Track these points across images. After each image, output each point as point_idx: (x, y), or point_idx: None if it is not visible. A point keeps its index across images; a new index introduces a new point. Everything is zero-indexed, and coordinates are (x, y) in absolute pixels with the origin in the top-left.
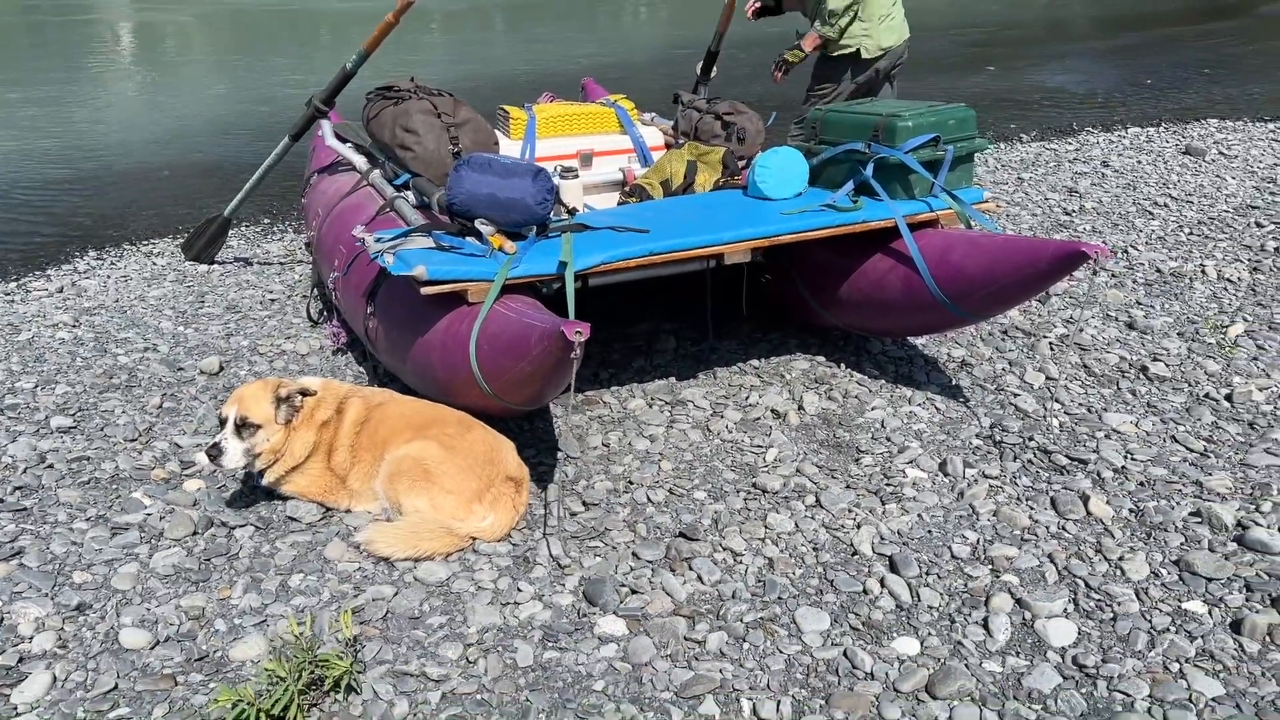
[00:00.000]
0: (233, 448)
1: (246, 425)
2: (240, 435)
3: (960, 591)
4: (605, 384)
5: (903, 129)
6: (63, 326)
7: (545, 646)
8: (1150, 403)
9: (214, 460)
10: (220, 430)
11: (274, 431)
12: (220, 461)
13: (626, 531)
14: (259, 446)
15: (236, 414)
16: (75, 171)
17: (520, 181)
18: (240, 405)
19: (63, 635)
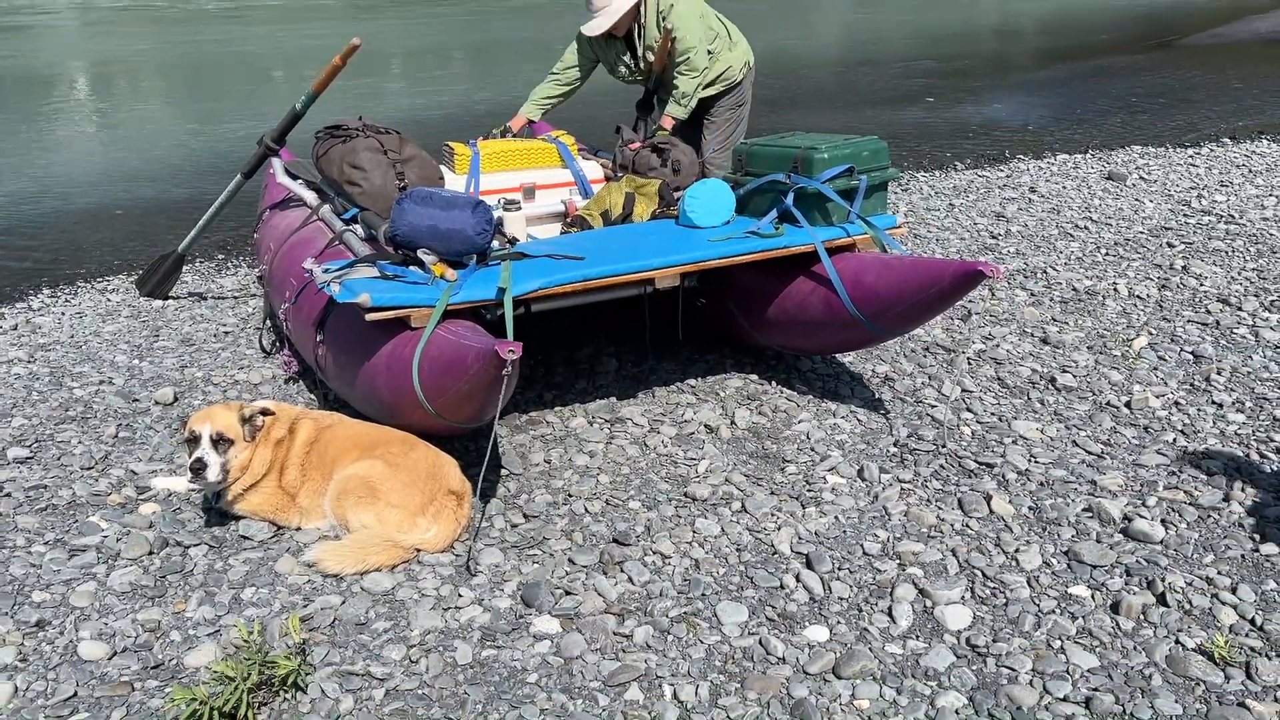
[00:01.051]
0: (214, 461)
1: (223, 440)
2: (217, 450)
3: (869, 584)
4: (549, 405)
5: (819, 161)
6: (18, 362)
7: (484, 646)
8: (1056, 411)
9: (198, 474)
10: (194, 448)
11: (242, 449)
12: (204, 475)
13: (564, 540)
14: (232, 462)
15: (212, 430)
16: (27, 210)
17: (460, 213)
18: (214, 422)
19: (23, 649)
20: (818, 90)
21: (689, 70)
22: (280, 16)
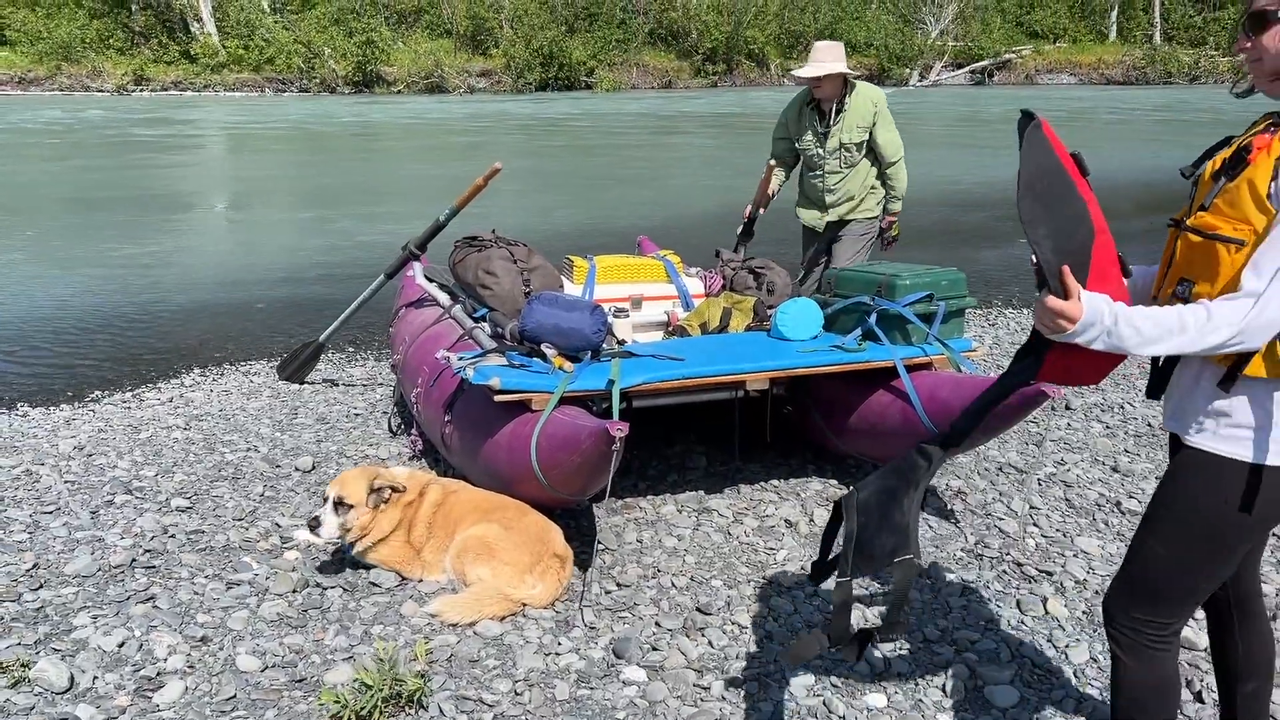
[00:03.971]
0: (329, 521)
1: (343, 504)
2: (336, 512)
3: (926, 663)
4: (642, 493)
5: (902, 286)
6: (176, 428)
7: (579, 686)
8: (1120, 531)
9: (313, 530)
10: (323, 506)
11: (363, 513)
12: (318, 532)
13: (652, 606)
14: (350, 524)
15: (336, 494)
16: (179, 301)
17: (580, 314)
18: (341, 488)
19: (190, 659)
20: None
21: (899, 176)
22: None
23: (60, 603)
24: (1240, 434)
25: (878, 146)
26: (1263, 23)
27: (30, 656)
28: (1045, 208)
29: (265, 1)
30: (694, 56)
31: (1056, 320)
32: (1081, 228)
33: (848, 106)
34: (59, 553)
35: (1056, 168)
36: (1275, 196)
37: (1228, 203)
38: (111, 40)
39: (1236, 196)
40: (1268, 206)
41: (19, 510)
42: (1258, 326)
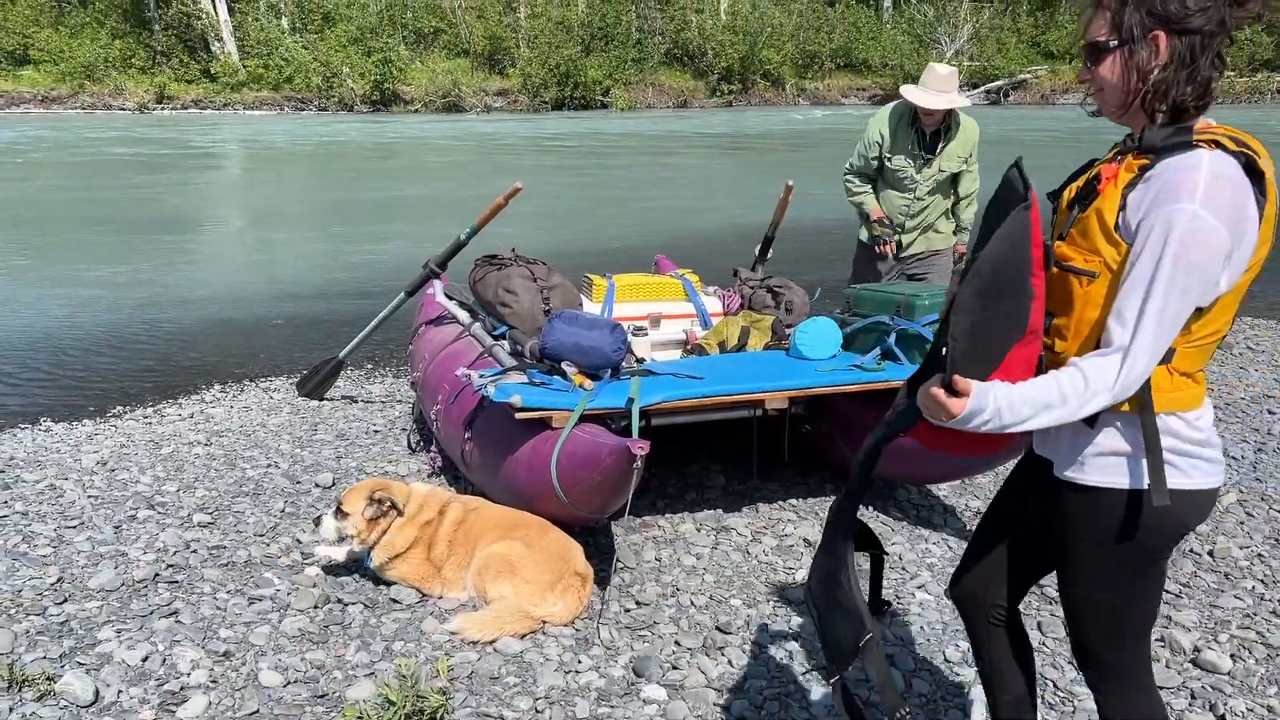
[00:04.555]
0: (326, 524)
1: (340, 511)
2: (336, 517)
3: (946, 684)
4: (660, 511)
5: (921, 306)
6: (197, 444)
7: (599, 704)
8: None
9: (316, 526)
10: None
11: (359, 521)
12: (318, 530)
13: (671, 625)
14: (346, 530)
15: (338, 500)
16: (200, 317)
17: (600, 333)
18: (344, 496)
19: (213, 673)
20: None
21: (972, 210)
22: (425, 169)
23: (85, 616)
24: (1112, 462)
25: (962, 178)
26: (1098, 54)
27: (55, 670)
28: (983, 303)
29: (285, 21)
30: (709, 76)
31: (936, 411)
32: (1011, 329)
33: (954, 135)
34: (83, 567)
35: (1021, 262)
36: (1123, 229)
37: (1080, 233)
38: (134, 59)
39: (1087, 227)
40: (1116, 239)
41: (44, 524)
42: (1131, 382)
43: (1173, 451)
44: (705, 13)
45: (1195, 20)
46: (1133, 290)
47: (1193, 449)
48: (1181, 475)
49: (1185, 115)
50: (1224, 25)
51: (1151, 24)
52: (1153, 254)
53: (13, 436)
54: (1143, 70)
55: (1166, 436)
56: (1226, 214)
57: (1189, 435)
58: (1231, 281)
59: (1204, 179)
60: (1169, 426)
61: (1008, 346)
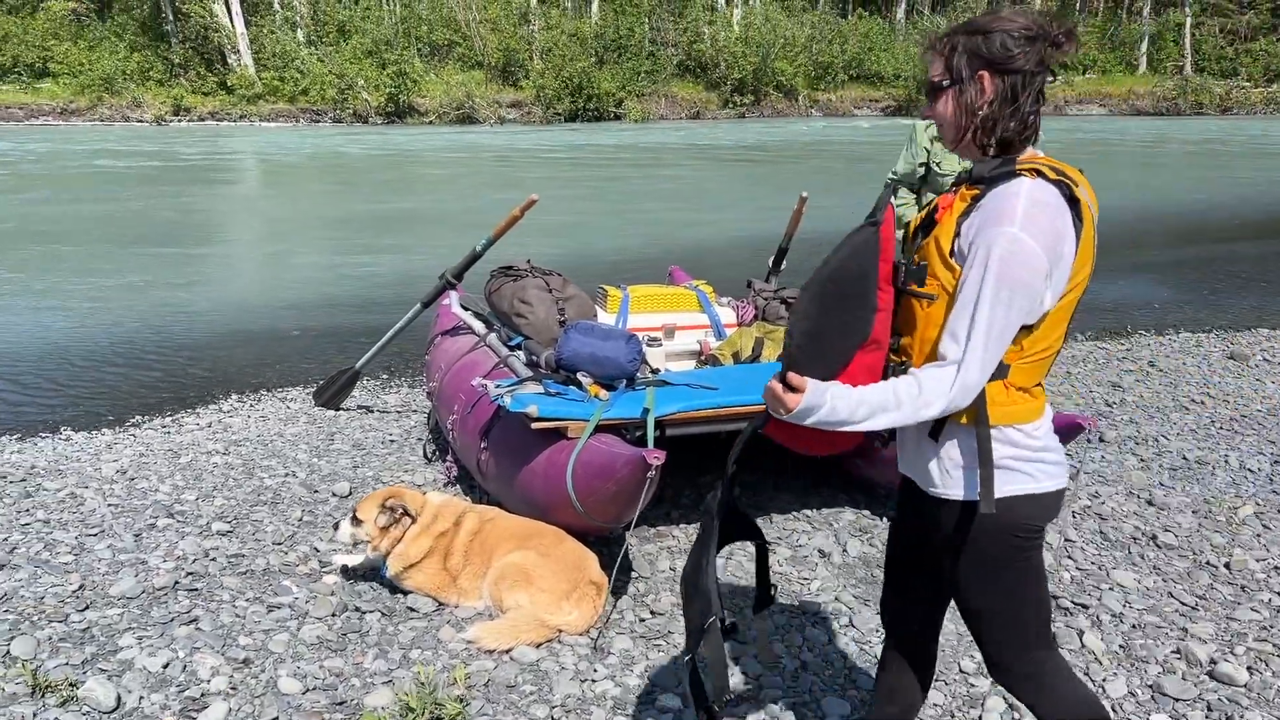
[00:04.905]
0: (343, 529)
1: (355, 518)
2: (351, 523)
3: (962, 695)
4: (674, 521)
5: None
6: (215, 453)
7: (615, 713)
8: (1156, 565)
9: (335, 531)
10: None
11: (372, 528)
12: (335, 534)
13: (685, 635)
14: (360, 536)
15: (354, 507)
16: (216, 328)
17: (615, 344)
18: (359, 503)
19: (233, 680)
20: None
21: None
22: (440, 180)
23: (106, 623)
24: (959, 475)
25: None
26: (935, 93)
27: (78, 676)
28: (821, 309)
29: (301, 34)
30: (722, 88)
31: (775, 405)
32: (853, 336)
33: None
34: (104, 574)
35: (863, 274)
36: (958, 254)
37: (923, 259)
38: (151, 72)
39: (928, 253)
40: (952, 264)
41: (65, 532)
42: (963, 393)
43: (1015, 459)
44: (718, 25)
45: (1016, 61)
46: (963, 309)
47: (1034, 455)
48: (1027, 480)
49: (1012, 148)
50: (1043, 64)
51: (978, 65)
52: (978, 275)
53: (34, 445)
54: (971, 107)
55: (1007, 446)
56: (1044, 236)
57: (1028, 444)
58: (1055, 299)
59: (1022, 205)
60: (1008, 437)
61: (850, 352)
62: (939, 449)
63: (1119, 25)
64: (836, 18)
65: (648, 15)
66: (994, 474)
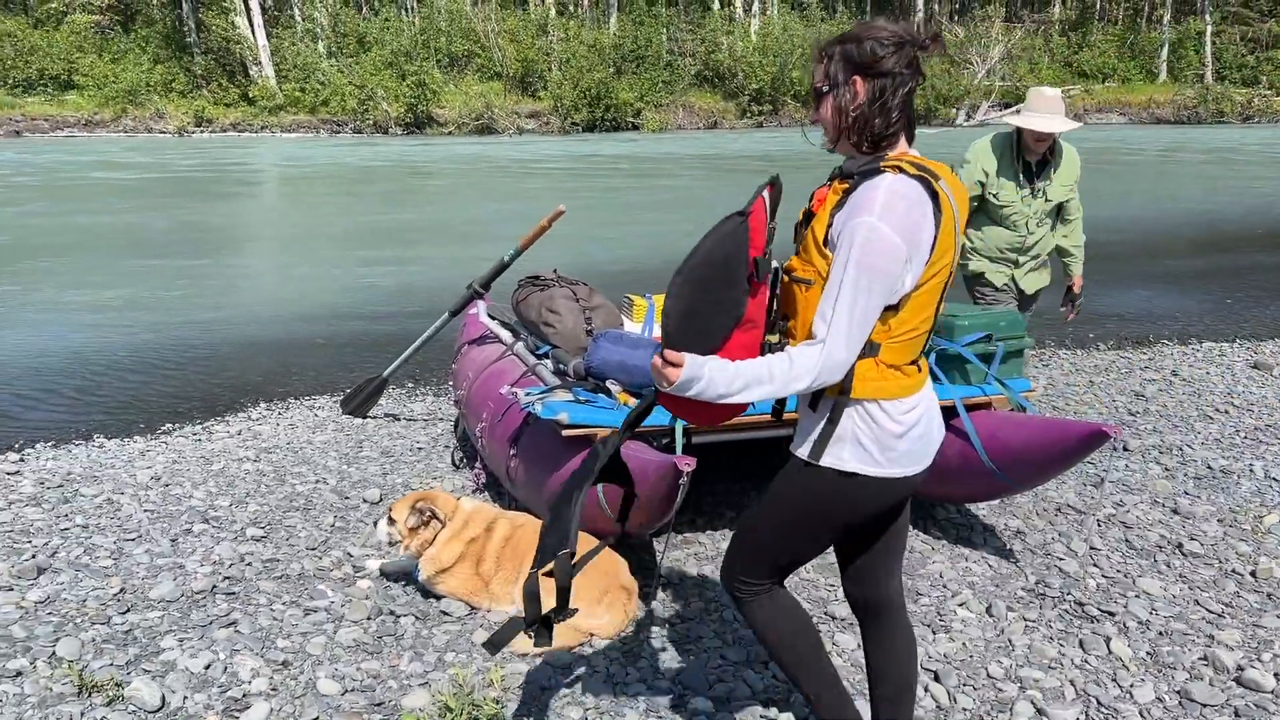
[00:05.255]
0: (381, 527)
1: (390, 518)
2: (388, 523)
3: (990, 700)
4: (700, 529)
5: (960, 327)
6: (247, 460)
7: (648, 715)
8: (1182, 574)
9: (374, 528)
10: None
11: (401, 527)
12: (374, 531)
13: (716, 639)
14: (394, 536)
15: (390, 506)
16: (240, 337)
17: (644, 352)
18: (395, 504)
19: (273, 681)
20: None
21: (1080, 234)
22: (461, 190)
23: (147, 626)
24: (815, 440)
25: (1068, 206)
26: (818, 98)
27: (122, 677)
28: (694, 290)
29: (321, 45)
30: (740, 97)
31: (658, 379)
32: (727, 316)
33: (1059, 162)
34: (143, 578)
35: (730, 259)
36: (831, 243)
37: (803, 248)
38: (174, 84)
39: (806, 243)
40: (825, 252)
41: (103, 537)
42: (831, 368)
43: (867, 437)
44: (735, 35)
45: (884, 64)
46: (829, 292)
47: (886, 439)
48: (868, 459)
49: (882, 145)
50: (912, 68)
51: (850, 70)
52: (841, 261)
53: (68, 452)
54: (845, 109)
55: (865, 422)
56: (901, 226)
57: (887, 425)
58: (915, 282)
59: (882, 197)
60: (870, 413)
61: (726, 330)
62: (815, 418)
63: (1138, 33)
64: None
65: (666, 26)
66: (834, 436)
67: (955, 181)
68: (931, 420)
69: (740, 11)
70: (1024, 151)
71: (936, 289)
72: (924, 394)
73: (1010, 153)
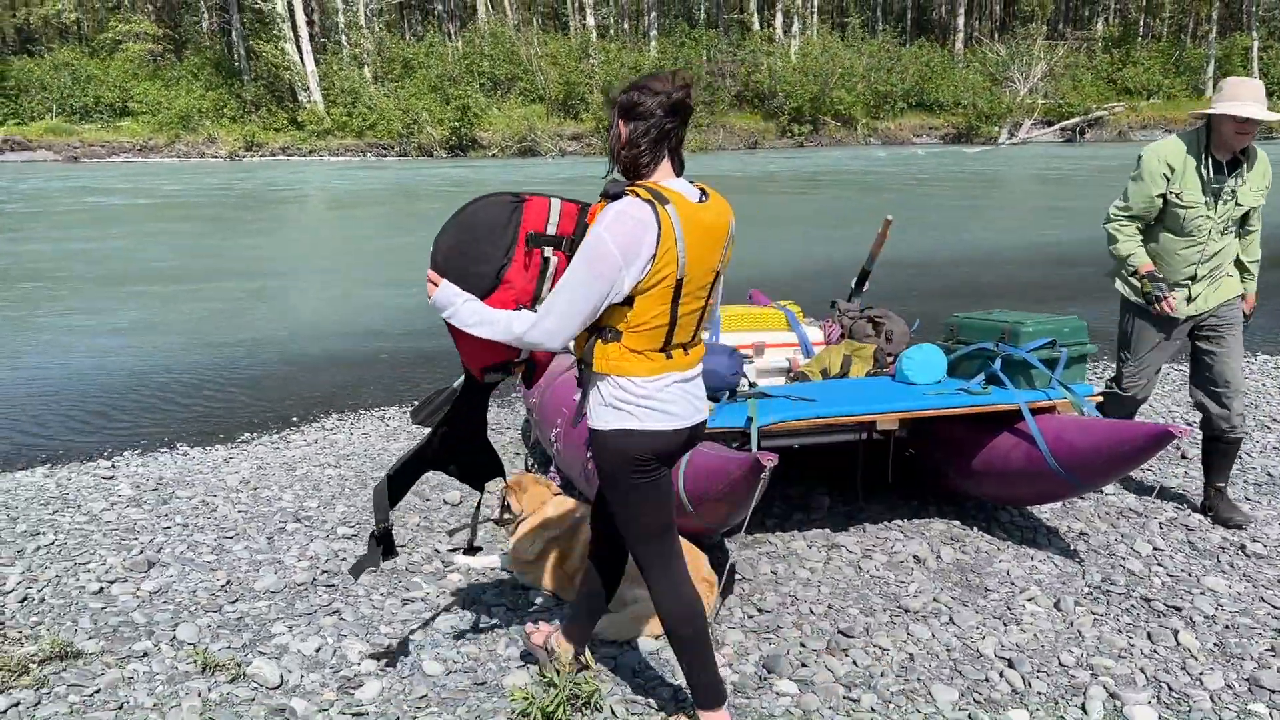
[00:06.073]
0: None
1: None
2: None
3: (1064, 685)
4: (770, 530)
5: (1025, 333)
6: (328, 466)
7: (736, 695)
8: (1246, 573)
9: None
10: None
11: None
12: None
13: (794, 630)
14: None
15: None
16: (309, 353)
17: (719, 358)
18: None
19: (380, 663)
20: (1025, 281)
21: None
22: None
23: (256, 614)
24: (593, 410)
25: (1252, 215)
26: (607, 134)
27: (241, 657)
28: (459, 232)
29: (368, 71)
30: (780, 117)
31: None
32: (484, 266)
33: (1253, 163)
34: (246, 571)
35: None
36: None
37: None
38: (225, 109)
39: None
40: None
41: (203, 535)
42: (542, 331)
43: (623, 402)
44: (775, 55)
45: (639, 109)
46: (561, 278)
47: (636, 401)
48: (630, 418)
49: (641, 174)
50: (669, 112)
51: (617, 115)
52: (575, 258)
53: (155, 459)
54: (614, 145)
55: (618, 391)
56: (621, 238)
57: (633, 391)
58: (634, 284)
59: (612, 214)
60: (619, 384)
61: (484, 280)
62: (583, 395)
63: (1183, 49)
64: (897, 46)
65: (706, 48)
66: (595, 405)
67: (693, 209)
68: (688, 392)
69: (780, 33)
70: (1215, 149)
71: (665, 294)
72: (673, 375)
73: (1198, 151)
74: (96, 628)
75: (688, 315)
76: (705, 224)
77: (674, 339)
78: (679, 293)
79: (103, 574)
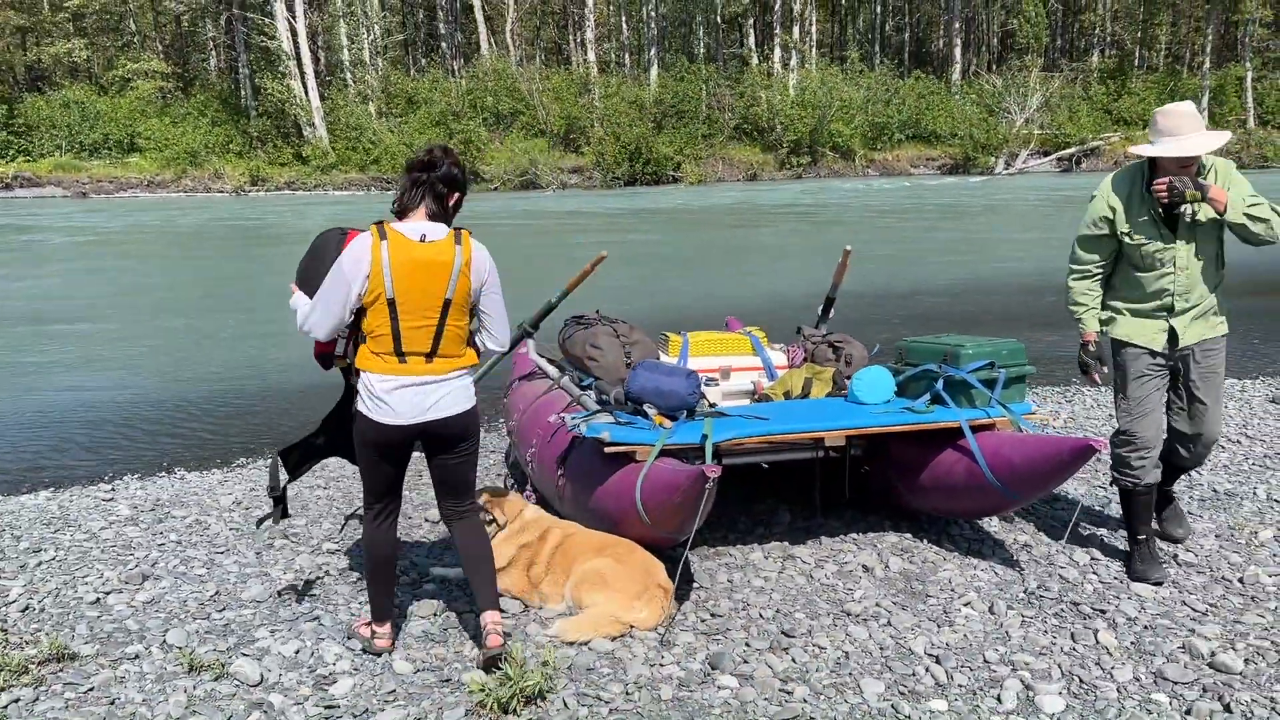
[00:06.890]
0: None
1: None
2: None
3: (984, 678)
4: (732, 543)
5: (966, 355)
6: (317, 487)
7: (680, 689)
8: (1175, 580)
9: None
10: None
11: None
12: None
13: (742, 632)
14: None
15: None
16: (301, 381)
17: (678, 379)
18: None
19: (355, 663)
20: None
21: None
22: (506, 242)
23: (242, 621)
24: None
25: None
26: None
27: (225, 659)
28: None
29: (371, 106)
30: (779, 149)
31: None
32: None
33: (1208, 176)
34: (234, 583)
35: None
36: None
37: None
38: (231, 145)
39: None
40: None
41: (196, 550)
42: (305, 323)
43: (366, 393)
44: (774, 89)
45: (409, 169)
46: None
47: (371, 395)
48: (363, 407)
49: (405, 215)
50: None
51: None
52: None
53: (153, 482)
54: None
55: (363, 384)
56: (349, 261)
57: (373, 386)
58: (358, 299)
59: (352, 242)
60: (366, 379)
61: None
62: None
63: (1179, 80)
64: (895, 79)
65: (705, 81)
66: (358, 397)
67: (409, 246)
68: (419, 395)
69: (778, 66)
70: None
71: (382, 309)
72: (404, 379)
73: (1141, 186)
74: (92, 633)
75: (414, 330)
76: (418, 259)
77: (405, 347)
78: (394, 309)
79: (100, 586)
